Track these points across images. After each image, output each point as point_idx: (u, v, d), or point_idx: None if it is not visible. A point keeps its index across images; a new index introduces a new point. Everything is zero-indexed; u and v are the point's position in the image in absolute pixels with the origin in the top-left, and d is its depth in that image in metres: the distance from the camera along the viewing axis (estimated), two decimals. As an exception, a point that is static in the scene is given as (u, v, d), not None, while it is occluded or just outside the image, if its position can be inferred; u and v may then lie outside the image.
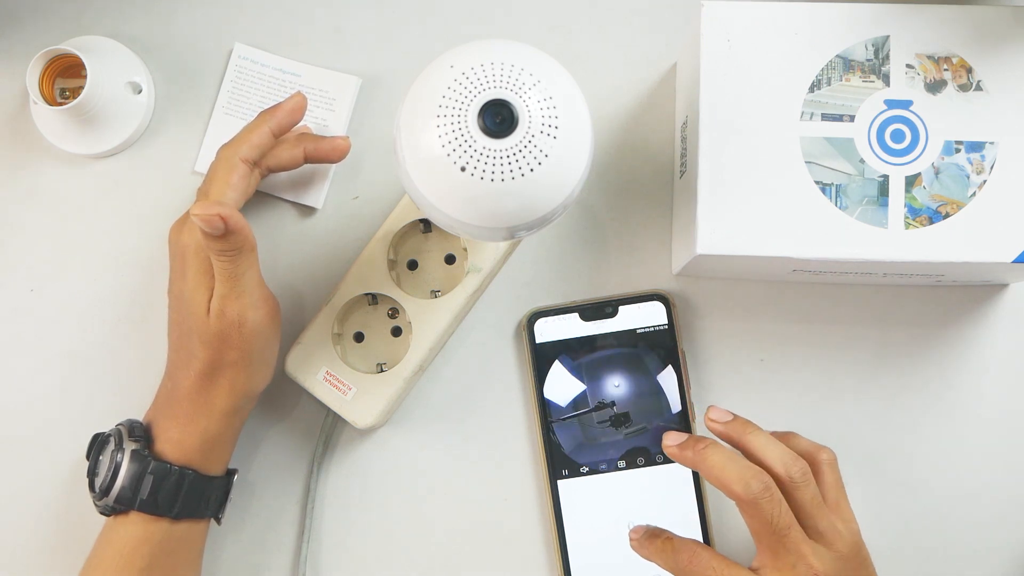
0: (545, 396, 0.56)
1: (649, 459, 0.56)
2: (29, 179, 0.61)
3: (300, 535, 0.58)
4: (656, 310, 0.57)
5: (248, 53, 0.60)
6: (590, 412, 0.56)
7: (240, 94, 0.60)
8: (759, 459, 0.48)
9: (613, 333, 0.56)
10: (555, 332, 0.57)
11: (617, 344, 0.56)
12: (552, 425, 0.56)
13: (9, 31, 0.61)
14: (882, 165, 0.50)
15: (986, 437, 0.58)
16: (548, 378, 0.56)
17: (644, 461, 0.56)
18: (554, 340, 0.57)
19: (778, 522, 0.46)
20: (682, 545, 0.49)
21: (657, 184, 0.60)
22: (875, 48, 0.51)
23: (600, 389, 0.56)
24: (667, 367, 0.56)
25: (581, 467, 0.56)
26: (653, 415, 0.56)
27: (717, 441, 0.49)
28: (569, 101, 0.43)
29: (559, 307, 0.57)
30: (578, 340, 0.56)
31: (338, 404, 0.55)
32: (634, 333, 0.56)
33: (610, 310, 0.57)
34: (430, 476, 0.59)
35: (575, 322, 0.57)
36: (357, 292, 0.56)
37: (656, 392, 0.56)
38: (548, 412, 0.56)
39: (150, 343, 0.59)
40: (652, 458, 0.56)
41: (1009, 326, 0.59)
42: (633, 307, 0.57)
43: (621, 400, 0.56)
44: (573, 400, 0.56)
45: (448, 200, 0.43)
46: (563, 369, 0.56)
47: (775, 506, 0.46)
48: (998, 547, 0.58)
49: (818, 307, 0.59)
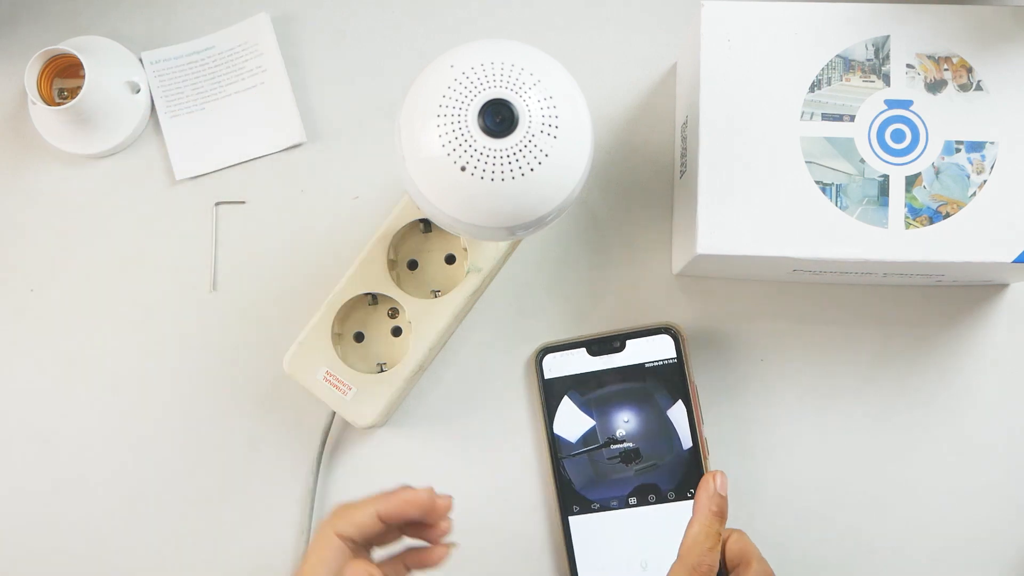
0: (555, 432, 0.56)
1: (660, 496, 0.55)
2: (28, 179, 0.61)
3: (300, 535, 0.58)
4: (664, 343, 0.56)
5: (156, 56, 0.61)
6: (600, 448, 0.55)
7: (174, 93, 0.61)
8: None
9: (621, 368, 0.56)
10: (563, 367, 0.56)
11: (626, 379, 0.56)
12: (562, 461, 0.55)
13: (7, 31, 0.61)
14: (882, 165, 0.50)
15: (986, 437, 0.58)
16: (558, 414, 0.56)
17: (655, 498, 0.55)
18: (563, 376, 0.56)
19: None
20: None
21: (657, 184, 0.60)
22: (875, 48, 0.51)
23: (610, 424, 0.55)
24: (677, 402, 0.55)
25: (592, 504, 0.55)
26: (664, 451, 0.55)
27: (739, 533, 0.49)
28: (569, 101, 0.43)
29: (567, 342, 0.56)
30: (587, 375, 0.56)
31: (338, 404, 0.55)
32: (642, 368, 0.56)
33: (618, 344, 0.56)
34: (430, 476, 0.59)
35: (583, 357, 0.56)
36: (357, 292, 0.56)
37: (666, 427, 0.55)
38: (558, 448, 0.55)
39: (150, 343, 0.59)
40: (663, 495, 0.55)
41: (1009, 326, 0.59)
42: (641, 341, 0.56)
43: (631, 435, 0.55)
44: (583, 436, 0.55)
45: (448, 200, 0.43)
46: (573, 405, 0.55)
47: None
48: (998, 547, 0.58)
49: (818, 307, 0.59)
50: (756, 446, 0.58)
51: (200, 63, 0.61)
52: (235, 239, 0.60)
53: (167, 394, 0.59)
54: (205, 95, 0.61)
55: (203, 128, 0.60)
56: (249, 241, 0.60)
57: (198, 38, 0.61)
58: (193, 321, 0.60)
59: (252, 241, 0.60)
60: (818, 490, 0.58)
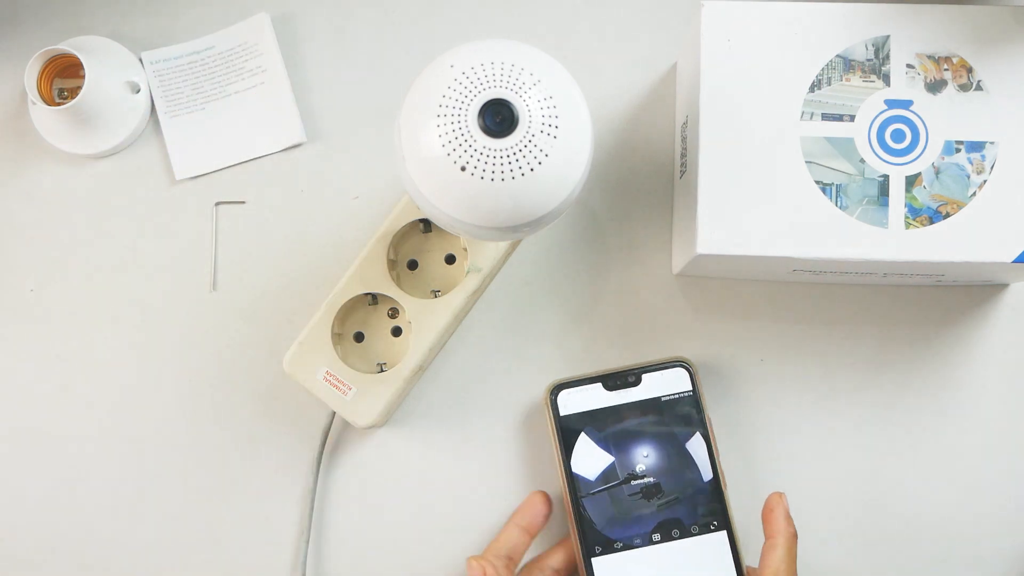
0: (573, 470, 0.54)
1: (684, 531, 0.54)
2: (28, 179, 0.61)
3: (300, 535, 0.58)
4: (679, 376, 0.55)
5: (156, 56, 0.61)
6: (621, 484, 0.54)
7: (174, 93, 0.61)
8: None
9: (638, 402, 0.55)
10: (579, 404, 0.55)
11: (642, 413, 0.55)
12: (582, 500, 0.54)
13: (7, 31, 0.61)
14: (882, 165, 0.50)
15: (986, 437, 0.58)
16: (575, 451, 0.54)
17: (679, 533, 0.54)
18: (579, 412, 0.55)
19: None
20: None
21: (657, 184, 0.60)
22: (875, 48, 0.51)
23: (629, 460, 0.54)
24: (695, 434, 0.54)
25: (615, 543, 0.53)
26: (685, 484, 0.54)
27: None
28: (569, 101, 0.43)
29: (581, 378, 0.55)
30: (603, 411, 0.55)
31: (338, 404, 0.55)
32: (659, 401, 0.55)
33: (633, 379, 0.55)
34: (430, 476, 0.59)
35: (599, 392, 0.55)
36: (357, 292, 0.56)
37: (686, 460, 0.54)
38: (577, 487, 0.54)
39: (150, 343, 0.59)
40: (687, 529, 0.54)
41: (1009, 326, 0.59)
42: (656, 375, 0.55)
43: (651, 470, 0.54)
44: (603, 473, 0.54)
45: (448, 200, 0.43)
46: (590, 441, 0.54)
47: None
48: (998, 547, 0.58)
49: (818, 307, 0.59)
50: (756, 446, 0.58)
51: (200, 63, 0.61)
52: (235, 239, 0.60)
53: (167, 394, 0.59)
54: (205, 95, 0.61)
55: (203, 128, 0.60)
56: (249, 241, 0.60)
57: (198, 38, 0.61)
58: (193, 321, 0.60)
59: (252, 241, 0.60)
60: (818, 490, 0.58)
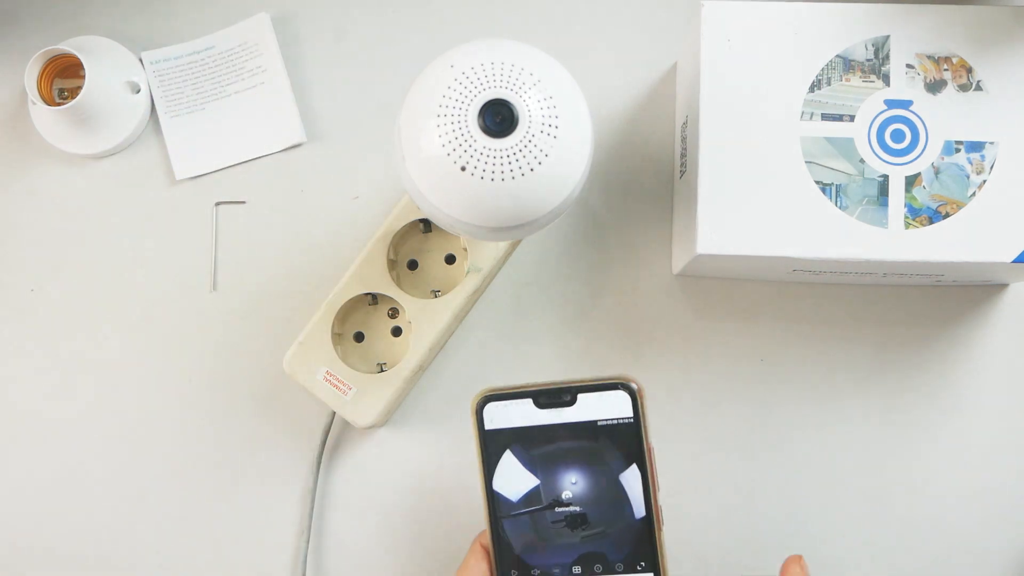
0: (494, 488, 0.49)
1: (608, 567, 0.49)
2: (28, 179, 0.61)
3: (300, 535, 0.58)
4: (620, 400, 0.48)
5: (156, 56, 0.61)
6: (543, 510, 0.49)
7: (174, 93, 0.61)
8: None
9: (570, 424, 0.48)
10: (507, 418, 0.49)
11: (575, 437, 0.49)
12: (502, 521, 0.49)
13: (7, 31, 0.61)
14: (882, 165, 0.50)
15: (986, 437, 0.58)
16: (498, 469, 0.49)
17: (602, 568, 0.49)
18: (506, 427, 0.49)
19: None
20: None
21: (657, 184, 0.60)
22: (875, 48, 0.51)
23: (555, 484, 0.49)
24: (631, 466, 0.49)
25: (532, 569, 0.49)
26: (613, 518, 0.49)
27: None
28: (569, 101, 0.43)
29: (511, 391, 0.49)
30: (532, 429, 0.49)
31: (338, 404, 0.55)
32: (594, 425, 0.49)
33: (568, 398, 0.49)
34: (430, 476, 0.59)
35: (529, 408, 0.49)
36: (357, 292, 0.56)
37: (617, 493, 0.49)
38: (498, 506, 0.49)
39: (150, 343, 0.59)
40: (611, 566, 0.49)
41: (1009, 326, 0.59)
42: (594, 396, 0.48)
43: (578, 498, 0.49)
44: (526, 495, 0.49)
45: (448, 200, 0.43)
46: (515, 460, 0.49)
47: None
48: (998, 547, 0.58)
49: (818, 307, 0.59)
50: (756, 446, 0.58)
51: (200, 63, 0.61)
52: (235, 239, 0.60)
53: (167, 394, 0.59)
54: (205, 95, 0.61)
55: (203, 128, 0.60)
56: (249, 241, 0.60)
57: (198, 38, 0.61)
58: (193, 321, 0.60)
59: (252, 241, 0.60)
60: (818, 490, 0.58)
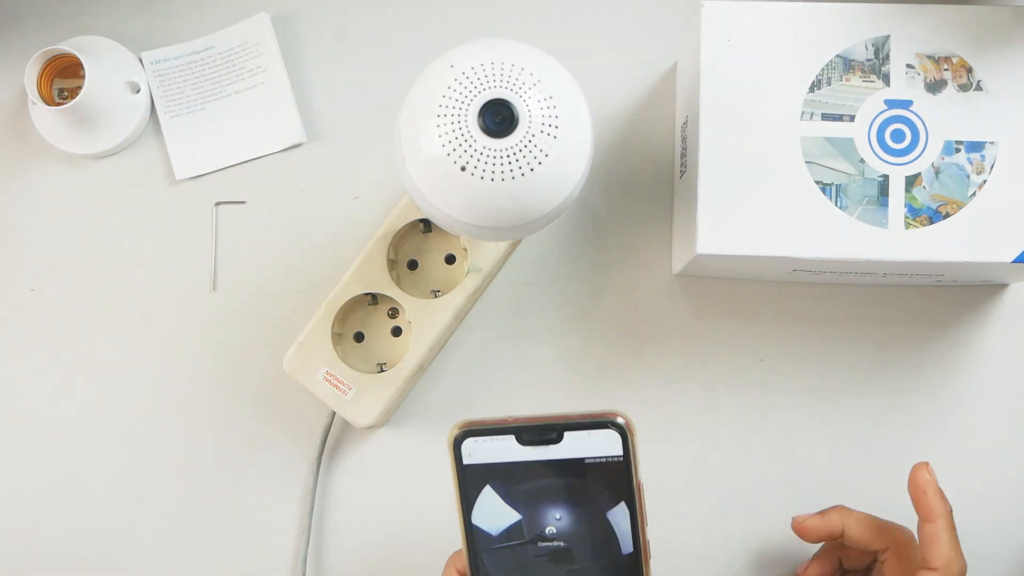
0: (474, 523, 0.46)
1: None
2: (28, 179, 0.61)
3: (300, 535, 0.58)
4: (609, 439, 0.45)
5: (156, 56, 0.61)
6: (526, 544, 0.46)
7: (174, 93, 0.61)
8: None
9: (556, 462, 0.46)
10: (487, 454, 0.46)
11: (560, 475, 0.46)
12: (481, 555, 0.46)
13: (7, 31, 0.61)
14: (882, 165, 0.50)
15: (986, 437, 0.58)
16: (477, 504, 0.46)
17: None
18: (486, 463, 0.46)
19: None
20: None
21: (657, 184, 0.60)
22: (875, 48, 0.51)
23: (538, 520, 0.46)
24: (619, 503, 0.46)
25: None
26: (600, 554, 0.46)
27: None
28: (569, 100, 0.43)
29: (493, 426, 0.46)
30: (514, 466, 0.46)
31: (338, 404, 0.55)
32: (581, 463, 0.46)
33: (554, 435, 0.45)
34: (430, 476, 0.59)
35: (511, 445, 0.46)
36: (357, 292, 0.56)
37: (605, 529, 0.46)
38: (477, 541, 0.46)
39: (150, 343, 0.59)
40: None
41: (1009, 326, 0.59)
42: (582, 434, 0.45)
43: (562, 534, 0.46)
44: (507, 529, 0.46)
45: (448, 200, 0.43)
46: (495, 496, 0.47)
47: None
48: (998, 547, 0.58)
49: (818, 307, 0.59)
50: (756, 446, 0.58)
51: (200, 63, 0.61)
52: (235, 239, 0.60)
53: (167, 394, 0.59)
54: (205, 95, 0.61)
55: (203, 128, 0.60)
56: (249, 241, 0.60)
57: (198, 38, 0.61)
58: (193, 321, 0.60)
59: (252, 241, 0.60)
60: (818, 490, 0.58)
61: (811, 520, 0.52)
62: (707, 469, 0.58)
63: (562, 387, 0.59)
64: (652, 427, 0.58)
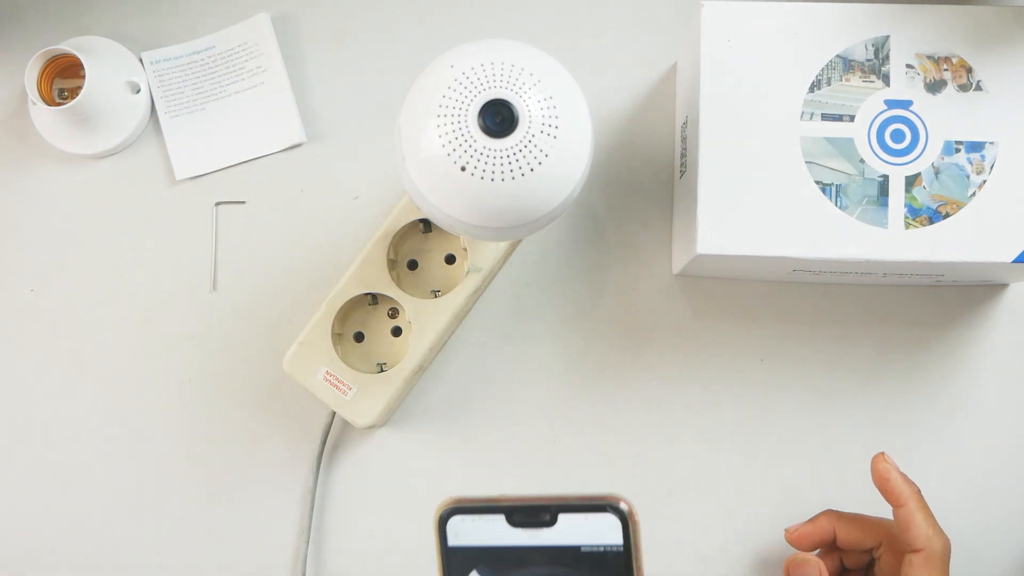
0: None
1: None
2: (28, 179, 0.61)
3: (300, 535, 0.58)
4: (608, 524, 0.41)
5: (156, 56, 0.61)
6: None
7: (174, 93, 0.61)
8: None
9: (549, 548, 0.41)
10: (474, 535, 0.42)
11: (553, 563, 0.41)
12: None
13: (7, 31, 0.61)
14: (882, 165, 0.50)
15: (986, 437, 0.58)
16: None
17: None
18: (473, 545, 0.42)
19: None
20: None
21: (657, 184, 0.60)
22: (875, 48, 0.51)
23: None
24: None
25: None
26: None
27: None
28: (569, 101, 0.43)
29: (482, 504, 0.42)
30: (503, 550, 0.42)
31: (338, 404, 0.55)
32: (577, 552, 0.41)
33: (547, 517, 0.41)
34: (430, 476, 0.59)
35: (500, 525, 0.42)
36: (357, 292, 0.56)
37: None
38: None
39: (150, 343, 0.59)
40: None
41: (1009, 326, 0.59)
42: (578, 517, 0.41)
43: None
44: None
45: (448, 200, 0.43)
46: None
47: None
48: (998, 547, 0.58)
49: (818, 307, 0.59)
50: (756, 446, 0.58)
51: (200, 63, 0.61)
52: (235, 239, 0.60)
53: (167, 394, 0.59)
54: (205, 95, 0.61)
55: (203, 128, 0.60)
56: (249, 241, 0.60)
57: (198, 38, 0.61)
58: (193, 321, 0.60)
59: (252, 241, 0.60)
60: (818, 490, 0.58)
61: (802, 529, 0.53)
62: (707, 469, 0.58)
63: (562, 387, 0.59)
64: (652, 427, 0.58)
